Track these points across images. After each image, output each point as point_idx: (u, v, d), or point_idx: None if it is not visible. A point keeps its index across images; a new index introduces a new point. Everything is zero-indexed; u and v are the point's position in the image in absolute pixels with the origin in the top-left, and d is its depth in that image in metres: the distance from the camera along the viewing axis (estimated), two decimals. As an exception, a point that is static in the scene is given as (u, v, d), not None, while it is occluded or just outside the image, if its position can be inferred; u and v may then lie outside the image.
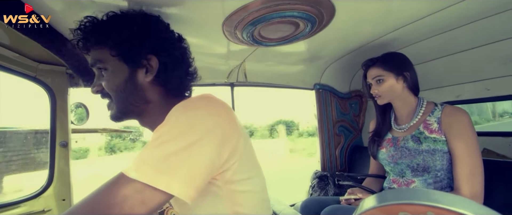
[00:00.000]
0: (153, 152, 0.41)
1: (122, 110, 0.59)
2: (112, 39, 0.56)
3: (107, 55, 0.57)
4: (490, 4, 0.90)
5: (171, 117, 0.45)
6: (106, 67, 0.57)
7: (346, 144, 1.82)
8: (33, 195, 1.06)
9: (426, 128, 0.95)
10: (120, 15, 0.60)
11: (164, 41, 0.60)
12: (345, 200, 1.06)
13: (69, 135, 1.12)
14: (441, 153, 0.91)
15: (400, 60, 1.04)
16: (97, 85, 0.59)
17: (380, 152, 1.08)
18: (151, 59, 0.58)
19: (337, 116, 1.80)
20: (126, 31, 0.56)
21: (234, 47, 1.08)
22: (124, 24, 0.57)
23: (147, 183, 0.39)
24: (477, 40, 1.15)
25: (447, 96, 1.44)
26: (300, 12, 0.79)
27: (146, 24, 0.59)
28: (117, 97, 0.58)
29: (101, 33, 0.57)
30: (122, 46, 0.56)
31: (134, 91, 0.58)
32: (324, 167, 1.76)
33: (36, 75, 1.06)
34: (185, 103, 0.48)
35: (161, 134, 0.43)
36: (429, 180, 0.94)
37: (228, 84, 1.55)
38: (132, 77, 0.58)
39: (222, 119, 0.47)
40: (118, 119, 0.61)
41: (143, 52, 0.57)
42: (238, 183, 0.50)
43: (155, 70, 0.58)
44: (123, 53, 0.56)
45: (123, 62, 0.57)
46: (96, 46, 0.58)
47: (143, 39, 0.57)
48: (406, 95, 1.02)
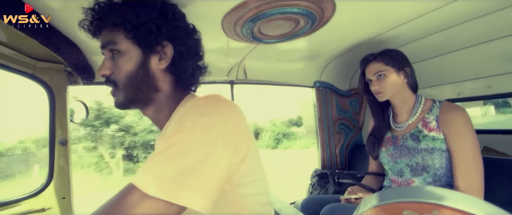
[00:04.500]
0: (170, 165, 0.39)
1: (131, 97, 0.57)
2: (130, 21, 0.55)
3: (122, 37, 0.55)
4: (491, 1, 0.89)
5: (185, 122, 0.43)
6: (119, 49, 0.56)
7: (346, 141, 1.82)
8: (33, 193, 1.06)
9: (425, 126, 0.95)
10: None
11: (180, 30, 0.59)
12: (345, 199, 1.06)
13: (68, 132, 1.12)
14: (439, 151, 0.90)
15: (400, 55, 1.03)
16: (106, 68, 0.57)
17: (381, 150, 1.08)
18: (167, 46, 0.57)
19: (337, 114, 1.80)
20: (145, 15, 0.55)
21: (234, 44, 1.07)
22: (144, 8, 0.56)
23: (167, 199, 0.37)
24: (478, 37, 1.14)
25: (448, 94, 1.43)
26: (300, 8, 0.78)
27: (165, 11, 0.58)
28: (126, 84, 0.56)
29: (119, 14, 0.55)
30: (139, 29, 0.55)
31: (146, 78, 0.57)
32: (324, 165, 1.76)
33: (34, 73, 1.05)
34: (198, 108, 0.46)
35: (176, 142, 0.41)
36: (428, 179, 0.93)
37: (228, 82, 1.55)
38: (145, 63, 0.57)
39: (235, 125, 0.47)
40: (123, 107, 0.59)
41: (160, 38, 0.56)
42: (243, 186, 0.50)
43: (170, 58, 0.58)
44: (139, 37, 0.55)
45: (137, 46, 0.56)
46: (112, 27, 0.56)
47: (161, 25, 0.56)
48: (406, 91, 1.01)
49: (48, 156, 1.09)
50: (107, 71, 0.57)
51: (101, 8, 0.56)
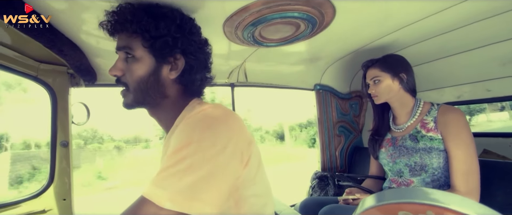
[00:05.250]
0: (183, 178, 0.41)
1: (139, 100, 0.60)
2: (149, 31, 0.57)
3: (139, 45, 0.58)
4: (490, 5, 0.90)
5: (193, 132, 0.45)
6: (134, 55, 0.58)
7: (346, 144, 1.82)
8: (33, 194, 1.06)
9: (423, 127, 0.98)
10: (162, 10, 0.60)
11: (194, 45, 0.62)
12: (343, 200, 1.07)
13: (70, 134, 1.13)
14: (437, 151, 0.92)
15: (397, 62, 1.06)
16: (119, 70, 0.59)
17: (380, 151, 1.10)
18: (179, 59, 0.60)
19: (337, 117, 1.80)
20: (164, 27, 0.57)
21: (235, 47, 1.08)
22: (164, 20, 0.58)
23: (181, 211, 0.40)
24: (477, 41, 1.15)
25: (448, 97, 1.44)
26: (301, 13, 0.79)
27: (183, 25, 0.60)
28: (136, 88, 0.59)
29: (140, 23, 0.57)
30: (157, 41, 0.57)
31: (155, 86, 0.59)
32: (324, 167, 1.76)
33: (37, 75, 1.06)
34: (204, 119, 0.48)
35: (185, 155, 0.43)
36: (427, 179, 0.95)
37: (229, 84, 1.55)
38: (157, 72, 0.59)
39: (239, 133, 0.49)
40: (131, 107, 0.62)
41: (174, 51, 0.59)
42: (245, 188, 0.51)
43: (180, 70, 0.60)
44: (155, 48, 0.58)
45: (152, 55, 0.58)
46: (131, 33, 0.58)
47: (177, 39, 0.59)
48: (403, 95, 1.04)
49: (49, 157, 1.10)
50: (119, 73, 0.59)
51: (123, 13, 0.58)
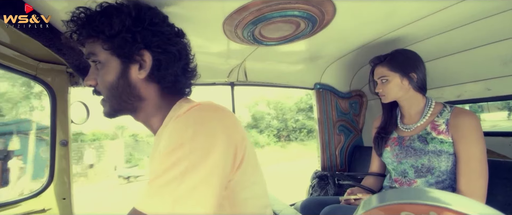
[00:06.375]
0: (180, 186, 0.40)
1: (115, 107, 0.57)
2: (103, 32, 0.54)
3: (100, 48, 0.55)
4: (490, 4, 0.90)
5: (184, 132, 0.43)
6: (99, 60, 0.56)
7: (346, 143, 1.82)
8: (33, 194, 1.06)
9: (434, 129, 0.95)
10: (114, 6, 0.56)
11: (159, 36, 0.56)
12: (344, 200, 1.06)
13: (69, 133, 1.12)
14: (447, 154, 0.90)
15: (408, 60, 1.01)
16: (91, 79, 0.57)
17: (385, 150, 1.08)
18: (144, 55, 0.56)
19: (337, 116, 1.80)
20: (118, 24, 0.53)
21: (235, 46, 1.08)
22: (117, 16, 0.54)
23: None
24: (477, 40, 1.15)
25: (448, 96, 1.43)
26: (301, 11, 0.79)
27: (139, 17, 0.55)
28: (109, 95, 0.56)
29: (93, 25, 0.54)
30: (114, 39, 0.54)
31: (127, 89, 0.56)
32: (324, 166, 1.76)
33: (36, 74, 1.06)
34: (194, 119, 0.45)
35: (178, 159, 0.41)
36: (431, 181, 0.93)
37: (229, 83, 1.55)
38: (125, 73, 0.56)
39: (232, 131, 0.47)
40: (111, 116, 0.59)
41: (136, 47, 0.54)
42: (241, 191, 0.50)
43: (149, 66, 0.56)
44: (115, 47, 0.54)
45: (115, 56, 0.55)
46: (89, 38, 0.56)
47: (135, 33, 0.54)
48: (413, 95, 1.01)
49: (49, 156, 1.09)
50: (93, 82, 0.57)
51: (78, 19, 0.56)
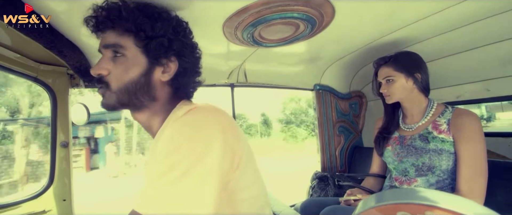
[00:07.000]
0: (179, 187, 0.40)
1: (123, 101, 0.56)
2: (144, 31, 0.55)
3: (131, 44, 0.55)
4: (490, 4, 0.90)
5: (182, 133, 0.44)
6: (124, 54, 0.55)
7: (346, 144, 1.82)
8: (33, 195, 1.06)
9: (435, 128, 0.96)
10: (156, 10, 0.59)
11: (187, 48, 0.61)
12: (344, 201, 1.06)
13: (70, 135, 1.13)
14: (447, 153, 0.91)
15: (412, 60, 1.03)
16: (104, 69, 0.55)
17: (386, 149, 1.08)
18: (173, 62, 0.59)
19: (337, 117, 1.80)
20: (161, 28, 0.56)
21: (235, 48, 1.08)
22: (160, 21, 0.57)
23: None
24: (477, 41, 1.15)
25: (447, 96, 1.44)
26: (300, 13, 0.79)
27: (178, 27, 0.60)
28: (123, 89, 0.55)
29: (135, 22, 0.54)
30: (152, 41, 0.55)
31: (145, 87, 0.57)
32: (324, 167, 1.76)
33: (37, 76, 1.06)
34: (193, 118, 0.46)
35: (177, 161, 0.42)
36: (432, 180, 0.94)
37: (229, 85, 1.56)
38: (149, 73, 0.57)
39: (230, 132, 0.48)
40: (112, 108, 0.58)
41: (169, 53, 0.58)
42: (239, 191, 0.50)
43: (173, 72, 0.59)
44: (150, 49, 0.56)
45: (144, 56, 0.56)
46: (123, 31, 0.55)
47: (172, 41, 0.58)
48: (416, 95, 1.02)
49: (49, 158, 1.10)
50: (105, 72, 0.55)
51: (115, 10, 0.55)
